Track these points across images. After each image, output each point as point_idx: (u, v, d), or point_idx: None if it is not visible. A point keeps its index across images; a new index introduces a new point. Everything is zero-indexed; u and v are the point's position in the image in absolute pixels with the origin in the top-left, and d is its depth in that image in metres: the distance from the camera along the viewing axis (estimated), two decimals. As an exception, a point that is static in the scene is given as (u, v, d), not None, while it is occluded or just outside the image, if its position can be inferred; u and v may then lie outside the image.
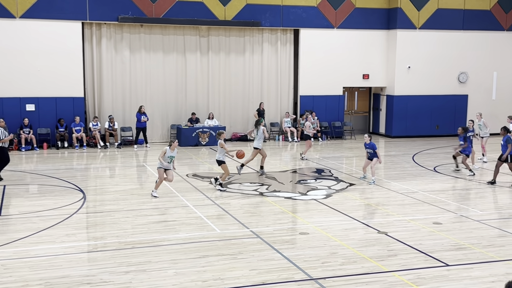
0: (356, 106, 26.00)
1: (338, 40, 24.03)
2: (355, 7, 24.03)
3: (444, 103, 24.74)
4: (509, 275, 8.33)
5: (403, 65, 24.26)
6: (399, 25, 23.96)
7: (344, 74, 24.33)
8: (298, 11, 23.48)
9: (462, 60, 24.83)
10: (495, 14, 24.93)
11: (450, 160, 18.83)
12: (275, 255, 9.29)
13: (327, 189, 14.48)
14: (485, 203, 13.06)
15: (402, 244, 9.88)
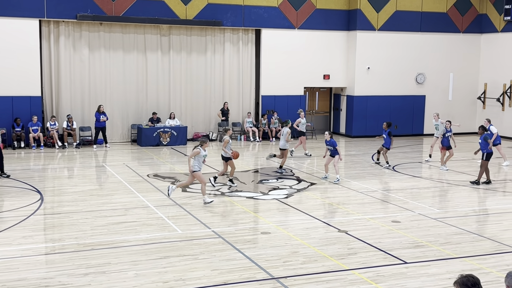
0: (317, 106, 26.24)
1: (299, 41, 24.21)
2: (315, 8, 24.25)
3: (403, 104, 25.21)
4: (465, 272, 8.51)
5: (363, 66, 24.61)
6: (359, 27, 24.29)
7: (305, 74, 24.52)
8: (260, 11, 23.55)
9: (419, 61, 25.35)
10: (452, 16, 25.55)
11: (409, 160, 19.22)
12: (236, 255, 9.29)
13: (289, 188, 14.56)
14: (442, 202, 13.37)
15: (362, 242, 10.02)
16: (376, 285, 8.08)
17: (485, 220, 11.79)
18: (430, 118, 25.13)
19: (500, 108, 25.17)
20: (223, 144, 14.84)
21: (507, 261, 9.11)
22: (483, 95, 26.09)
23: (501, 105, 25.13)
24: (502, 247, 9.87)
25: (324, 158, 16.13)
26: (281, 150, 16.87)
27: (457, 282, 5.19)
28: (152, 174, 16.10)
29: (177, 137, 21.89)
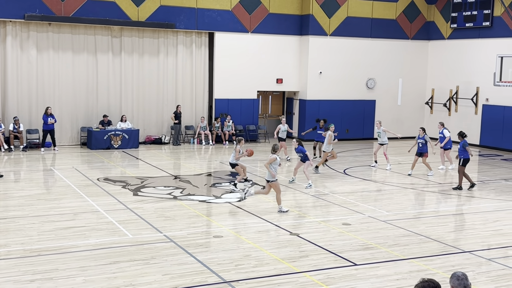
0: (270, 110, 26.38)
1: (252, 44, 24.30)
2: (269, 12, 24.40)
3: (354, 108, 25.64)
4: (413, 273, 8.76)
5: (315, 71, 24.91)
6: (311, 32, 24.59)
7: (258, 78, 24.63)
8: (213, 15, 23.52)
9: (370, 66, 25.85)
10: (401, 23, 26.19)
11: (359, 163, 19.54)
12: (188, 259, 9.22)
13: (242, 192, 14.56)
14: (391, 204, 13.65)
15: (313, 245, 10.12)
16: (327, 287, 8.17)
17: (432, 222, 12.10)
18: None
19: (447, 113, 25.93)
20: (235, 154, 15.17)
21: (453, 262, 9.38)
22: (430, 100, 26.83)
23: (448, 110, 25.89)
24: (448, 248, 10.16)
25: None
26: (324, 152, 17.37)
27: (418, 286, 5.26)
28: (102, 178, 15.81)
29: (129, 140, 21.59)
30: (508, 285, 8.41)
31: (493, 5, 23.43)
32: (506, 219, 12.76)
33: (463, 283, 5.30)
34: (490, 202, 14.24)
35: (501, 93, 22.56)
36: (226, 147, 22.87)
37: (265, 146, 23.42)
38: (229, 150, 22.13)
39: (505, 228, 11.86)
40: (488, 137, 23.57)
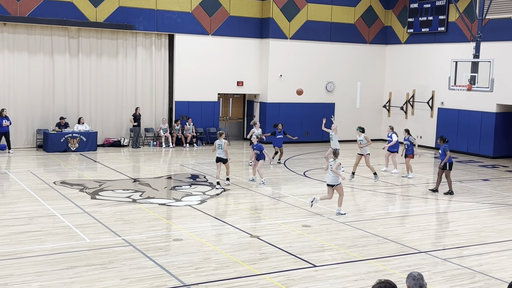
0: (231, 113, 26.37)
1: (213, 47, 24.26)
2: (229, 15, 24.41)
3: (313, 111, 25.87)
4: (371, 273, 8.89)
5: (276, 73, 25.04)
6: (272, 35, 24.71)
7: (219, 81, 24.59)
8: (173, 16, 23.37)
9: (329, 70, 26.15)
10: (359, 28, 26.60)
11: (319, 165, 19.73)
12: (147, 262, 9.13)
13: (202, 194, 14.51)
14: (349, 206, 13.82)
15: (273, 247, 10.16)
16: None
17: (389, 223, 12.31)
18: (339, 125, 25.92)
19: (404, 116, 26.46)
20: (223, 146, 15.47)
21: (409, 262, 9.57)
22: (388, 103, 27.33)
23: (405, 113, 26.42)
24: (405, 249, 10.35)
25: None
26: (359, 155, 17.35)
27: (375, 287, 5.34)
28: (59, 181, 15.49)
29: (87, 142, 21.22)
30: (463, 285, 8.63)
31: (448, 11, 24.06)
32: (460, 220, 13.10)
33: (419, 283, 5.41)
34: (445, 204, 14.59)
35: (455, 96, 23.17)
36: (187, 150, 22.74)
37: (225, 149, 23.35)
38: (190, 153, 22.04)
39: (460, 228, 12.18)
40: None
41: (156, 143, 23.38)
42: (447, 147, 15.39)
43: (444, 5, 24.16)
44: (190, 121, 23.67)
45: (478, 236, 11.42)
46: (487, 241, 11.02)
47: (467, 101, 22.98)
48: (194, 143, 23.70)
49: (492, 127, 22.34)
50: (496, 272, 9.20)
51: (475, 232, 11.72)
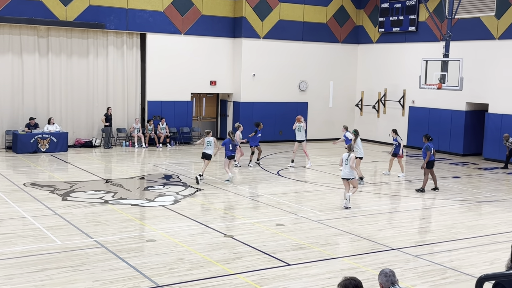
0: (204, 112, 26.29)
1: (185, 46, 24.13)
2: (201, 14, 24.32)
3: (287, 110, 25.95)
4: (344, 271, 8.95)
5: (249, 73, 25.04)
6: (244, 34, 24.70)
7: (192, 80, 24.48)
8: (145, 15, 23.18)
9: (302, 69, 26.26)
10: (331, 27, 26.76)
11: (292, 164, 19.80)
12: (120, 264, 9.04)
13: (175, 195, 14.43)
14: (323, 204, 13.90)
15: (247, 246, 10.16)
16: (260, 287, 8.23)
17: (362, 221, 12.42)
18: (312, 124, 26.13)
19: (376, 114, 26.73)
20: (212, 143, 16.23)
21: (382, 259, 9.66)
22: (360, 102, 27.57)
23: (377, 112, 26.70)
24: (377, 246, 10.46)
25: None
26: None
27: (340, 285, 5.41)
28: (29, 183, 15.22)
29: (57, 143, 20.90)
30: (434, 281, 8.75)
31: (418, 10, 24.38)
32: (431, 216, 13.29)
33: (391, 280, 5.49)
34: (417, 201, 14.79)
35: (426, 95, 23.50)
36: (160, 150, 22.59)
37: (199, 149, 23.28)
38: (163, 153, 21.90)
39: (431, 225, 12.35)
40: (414, 137, 24.46)
41: (128, 143, 23.17)
42: (428, 145, 15.47)
43: (415, 5, 24.47)
44: (163, 121, 23.52)
45: (448, 232, 11.60)
46: (458, 238, 11.20)
47: (437, 100, 23.33)
48: (167, 143, 23.55)
49: (462, 125, 22.72)
50: (466, 267, 9.36)
51: (445, 229, 11.90)
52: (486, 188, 16.51)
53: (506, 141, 19.33)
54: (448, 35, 19.98)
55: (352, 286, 5.28)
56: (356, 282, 5.31)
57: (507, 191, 16.16)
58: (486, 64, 21.72)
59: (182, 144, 24.10)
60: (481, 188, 16.56)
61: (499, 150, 21.03)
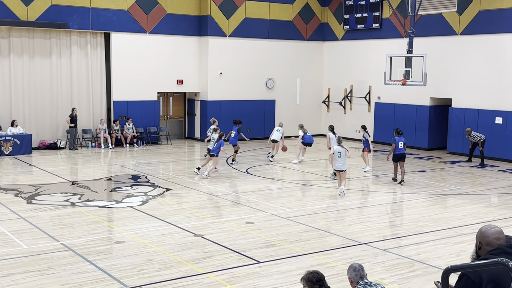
0: (171, 112, 26.11)
1: (151, 45, 23.92)
2: (166, 12, 24.13)
3: (255, 108, 25.99)
4: (314, 267, 9.01)
5: (216, 71, 24.98)
6: (210, 32, 24.62)
7: (158, 79, 24.29)
8: (108, 14, 22.88)
9: (269, 67, 26.31)
10: (297, 25, 26.89)
11: (261, 162, 19.85)
12: (88, 267, 8.90)
13: (144, 195, 14.29)
14: (292, 201, 13.97)
15: (217, 245, 10.13)
16: (231, 286, 8.21)
17: (331, 216, 12.53)
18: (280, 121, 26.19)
19: (342, 111, 26.98)
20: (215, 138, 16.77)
21: (351, 254, 9.76)
22: (327, 99, 27.79)
23: (343, 109, 26.95)
24: (346, 241, 10.56)
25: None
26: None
27: (304, 278, 5.47)
28: (-8, 187, 14.87)
29: (21, 146, 20.48)
30: (402, 274, 8.88)
31: (382, 7, 24.69)
32: (398, 211, 13.49)
33: (360, 274, 5.55)
34: (384, 196, 14.99)
35: (391, 91, 23.82)
36: (127, 150, 22.35)
37: (167, 148, 23.14)
38: (130, 153, 21.67)
39: (398, 219, 12.54)
40: (380, 133, 24.79)
41: (94, 144, 22.85)
42: (394, 139, 16.11)
43: (378, 2, 24.77)
44: (130, 121, 23.27)
45: (415, 226, 11.79)
46: (424, 231, 11.39)
47: (402, 96, 23.67)
48: (134, 143, 23.31)
49: (427, 120, 23.12)
50: (433, 260, 9.53)
51: (412, 222, 12.09)
52: (451, 182, 16.84)
53: (468, 135, 19.74)
54: (412, 31, 20.28)
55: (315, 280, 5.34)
56: (319, 275, 5.38)
57: (472, 184, 16.52)
58: (449, 59, 22.14)
59: (149, 144, 23.89)
60: (446, 182, 16.88)
61: (462, 144, 21.48)
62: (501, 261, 3.17)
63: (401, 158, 16.12)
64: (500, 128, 20.55)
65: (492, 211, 13.13)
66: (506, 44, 20.33)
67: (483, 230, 4.12)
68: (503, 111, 20.47)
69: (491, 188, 15.89)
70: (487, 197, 14.76)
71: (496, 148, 20.55)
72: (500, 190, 15.60)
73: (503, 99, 20.47)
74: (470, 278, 3.78)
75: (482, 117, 21.07)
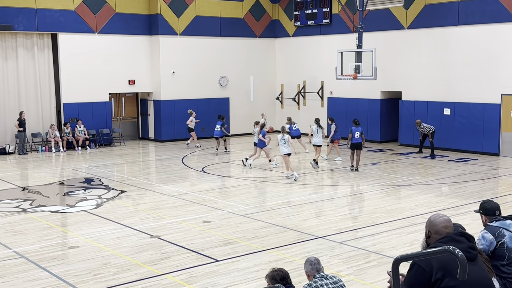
0: (124, 112, 25.74)
1: (100, 45, 23.49)
2: (115, 12, 23.75)
3: (209, 106, 25.89)
4: (272, 263, 9.05)
5: (168, 70, 24.75)
6: (161, 31, 24.38)
7: (110, 80, 23.89)
8: (55, 15, 22.35)
9: (222, 65, 26.26)
10: (248, 22, 26.93)
11: (217, 160, 19.81)
12: (42, 273, 8.70)
13: (98, 198, 14.05)
14: (248, 198, 14.01)
15: (175, 245, 10.06)
16: (189, 286, 8.17)
17: (287, 212, 12.62)
18: (234, 119, 26.23)
19: (296, 107, 27.20)
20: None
21: (308, 249, 9.86)
22: (280, 95, 27.96)
23: (297, 104, 27.17)
24: (303, 235, 10.66)
25: None
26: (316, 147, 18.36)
27: (268, 276, 5.49)
28: None
29: (-32, 152, 19.80)
30: (358, 265, 9.03)
31: (331, 3, 24.99)
32: (353, 203, 13.71)
33: (316, 267, 5.62)
34: (339, 189, 15.20)
35: (343, 86, 24.16)
36: (79, 153, 21.91)
37: (120, 150, 22.80)
38: (82, 156, 21.26)
39: (353, 212, 12.74)
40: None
41: (45, 148, 22.29)
42: (350, 129, 17.23)
43: (328, -2, 25.06)
44: (80, 123, 22.81)
45: (370, 217, 12.01)
46: (379, 222, 11.61)
47: (354, 90, 24.04)
48: (86, 146, 22.87)
49: (378, 113, 23.56)
50: (388, 250, 9.73)
51: (367, 214, 12.32)
52: (403, 173, 17.23)
53: (418, 127, 20.22)
54: (361, 26, 20.61)
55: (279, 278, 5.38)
56: (283, 273, 5.41)
57: (423, 175, 16.95)
58: (398, 53, 22.62)
59: (102, 146, 23.49)
60: (399, 173, 17.26)
61: (413, 136, 22.00)
62: (448, 248, 3.26)
63: (357, 147, 17.08)
64: (448, 119, 21.14)
65: (443, 200, 13.51)
66: (452, 37, 20.92)
67: (431, 219, 4.23)
68: (451, 102, 21.06)
69: (441, 177, 16.34)
70: (438, 186, 15.18)
71: (445, 138, 21.13)
72: (450, 179, 16.06)
73: (451, 90, 21.07)
74: (421, 267, 3.88)
75: (431, 109, 21.62)
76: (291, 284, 5.43)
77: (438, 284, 3.83)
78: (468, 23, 20.41)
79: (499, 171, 17.33)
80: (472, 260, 3.96)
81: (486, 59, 19.91)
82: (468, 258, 3.68)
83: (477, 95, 20.24)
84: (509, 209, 11.87)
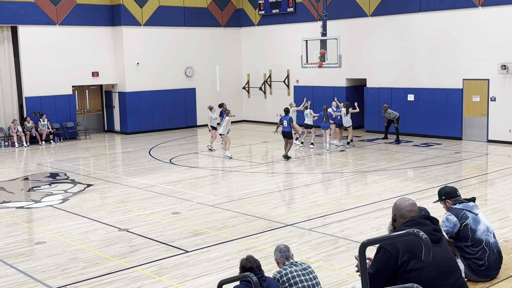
0: (88, 105, 25.35)
1: (62, 37, 23.04)
2: (76, 3, 23.30)
3: (175, 97, 25.71)
4: (242, 252, 9.10)
5: (132, 62, 24.45)
6: (124, 22, 24.03)
7: (73, 72, 23.46)
8: (14, 7, 21.80)
9: (187, 55, 26.07)
10: (212, 11, 26.76)
11: (184, 151, 19.72)
12: (8, 270, 8.55)
13: (64, 193, 13.85)
14: (217, 189, 14.00)
15: (144, 238, 10.01)
16: (160, 278, 8.15)
17: (256, 201, 12.66)
18: (202, 109, 26.11)
19: (263, 96, 27.23)
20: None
21: (277, 236, 9.93)
22: (247, 85, 27.93)
23: (264, 93, 27.20)
24: (273, 224, 10.72)
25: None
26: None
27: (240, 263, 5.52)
28: None
29: None
30: (327, 251, 9.14)
31: (295, -8, 25.02)
32: (321, 190, 13.84)
33: (285, 255, 5.67)
34: (306, 177, 15.32)
35: (308, 74, 24.28)
36: (43, 147, 21.51)
37: (86, 143, 22.48)
38: (47, 150, 20.88)
39: (321, 199, 12.86)
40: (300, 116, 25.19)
41: (8, 143, 21.81)
42: (280, 117, 18.01)
43: (292, -13, 25.07)
44: (44, 117, 22.38)
45: (338, 204, 12.15)
46: (347, 208, 11.76)
47: (319, 78, 24.19)
48: (51, 140, 22.47)
49: (344, 100, 23.71)
50: (356, 235, 9.87)
51: (335, 201, 12.46)
52: (369, 159, 17.45)
53: (385, 112, 20.49)
54: (325, 14, 20.70)
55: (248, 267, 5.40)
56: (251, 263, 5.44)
57: (388, 160, 17.21)
58: (362, 40, 22.82)
59: (67, 140, 23.12)
60: (365, 159, 17.48)
61: (378, 122, 22.29)
62: (413, 231, 3.34)
63: (285, 135, 17.34)
64: (412, 104, 21.48)
65: (408, 185, 13.75)
66: (415, 24, 21.20)
67: (397, 203, 4.31)
68: (414, 88, 21.39)
69: (406, 162, 16.62)
70: (404, 171, 15.44)
71: (409, 124, 21.47)
72: (415, 164, 16.35)
73: (414, 76, 21.39)
74: (388, 250, 3.95)
75: (395, 95, 21.93)
76: (262, 272, 5.46)
77: (404, 267, 3.91)
78: (429, 9, 20.72)
79: (462, 154, 17.72)
80: (437, 242, 4.05)
81: (447, 45, 20.26)
82: (432, 240, 3.76)
83: (440, 81, 20.61)
84: (473, 191, 12.17)
